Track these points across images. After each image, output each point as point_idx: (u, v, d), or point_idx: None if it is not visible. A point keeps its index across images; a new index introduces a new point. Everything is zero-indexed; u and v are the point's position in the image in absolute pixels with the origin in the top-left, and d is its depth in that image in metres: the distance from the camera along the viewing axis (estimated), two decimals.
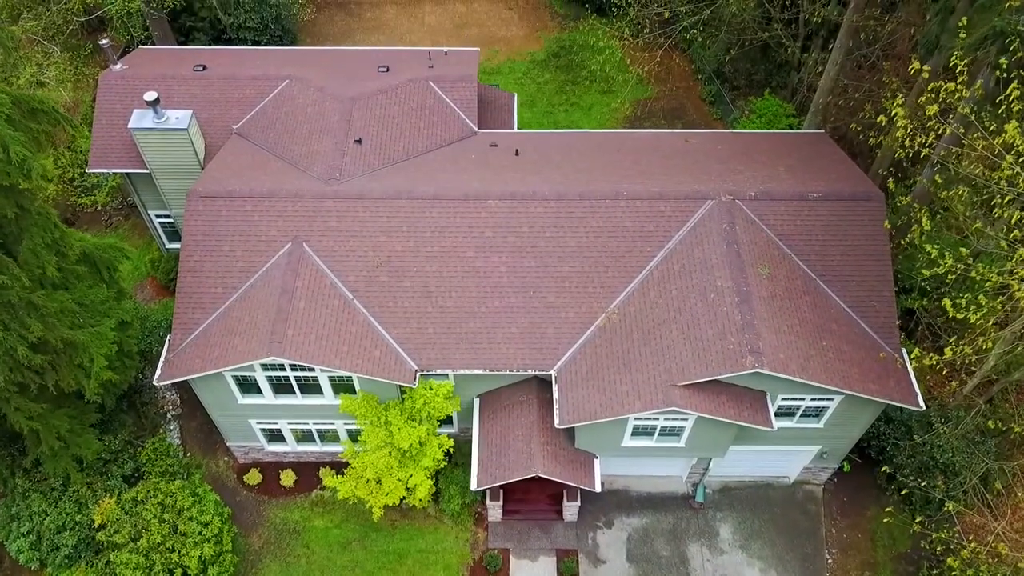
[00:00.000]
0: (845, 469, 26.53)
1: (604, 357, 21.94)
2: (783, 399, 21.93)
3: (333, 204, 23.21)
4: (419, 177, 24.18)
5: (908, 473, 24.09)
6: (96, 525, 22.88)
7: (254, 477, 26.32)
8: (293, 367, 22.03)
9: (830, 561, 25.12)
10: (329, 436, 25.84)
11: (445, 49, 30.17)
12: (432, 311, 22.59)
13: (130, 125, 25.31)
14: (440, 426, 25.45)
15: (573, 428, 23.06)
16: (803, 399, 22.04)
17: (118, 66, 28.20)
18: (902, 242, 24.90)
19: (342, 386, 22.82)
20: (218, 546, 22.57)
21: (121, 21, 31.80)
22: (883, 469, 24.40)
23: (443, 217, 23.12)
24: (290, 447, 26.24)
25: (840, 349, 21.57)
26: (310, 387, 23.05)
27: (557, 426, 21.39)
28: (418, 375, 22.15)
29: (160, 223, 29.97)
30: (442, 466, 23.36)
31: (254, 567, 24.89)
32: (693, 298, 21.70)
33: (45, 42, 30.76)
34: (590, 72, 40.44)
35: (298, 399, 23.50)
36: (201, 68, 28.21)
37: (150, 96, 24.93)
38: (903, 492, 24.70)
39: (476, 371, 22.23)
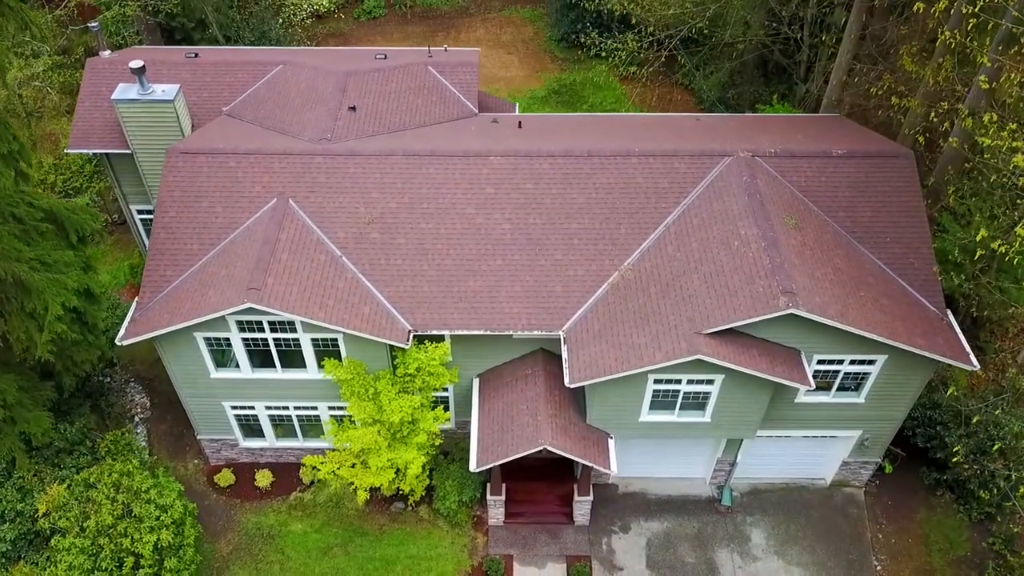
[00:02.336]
0: (887, 470, 23.79)
1: (619, 313, 19.77)
2: (819, 361, 19.60)
3: (323, 160, 21.61)
4: (415, 141, 22.70)
5: (962, 459, 21.40)
6: (40, 514, 19.93)
7: (226, 478, 23.45)
8: (272, 327, 19.79)
9: (879, 568, 21.99)
10: (311, 431, 23.17)
11: (445, 46, 29.45)
12: (428, 269, 20.57)
13: (113, 96, 23.98)
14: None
15: (585, 404, 20.62)
16: (842, 361, 19.71)
17: (107, 52, 27.28)
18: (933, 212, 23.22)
19: (327, 352, 20.47)
20: (179, 537, 19.58)
21: (117, 26, 31.19)
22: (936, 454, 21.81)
23: (441, 174, 21.47)
24: (268, 442, 23.50)
25: (880, 302, 19.46)
26: (291, 355, 20.69)
27: (568, 385, 18.96)
28: (412, 336, 19.88)
29: (141, 219, 28.26)
30: (437, 442, 20.71)
31: (219, 574, 21.69)
32: (715, 248, 19.77)
33: (37, 42, 30.02)
34: (590, 106, 39.96)
35: (278, 373, 21.08)
36: (193, 56, 27.28)
37: (136, 64, 23.74)
38: (960, 480, 21.92)
39: (476, 332, 19.97)
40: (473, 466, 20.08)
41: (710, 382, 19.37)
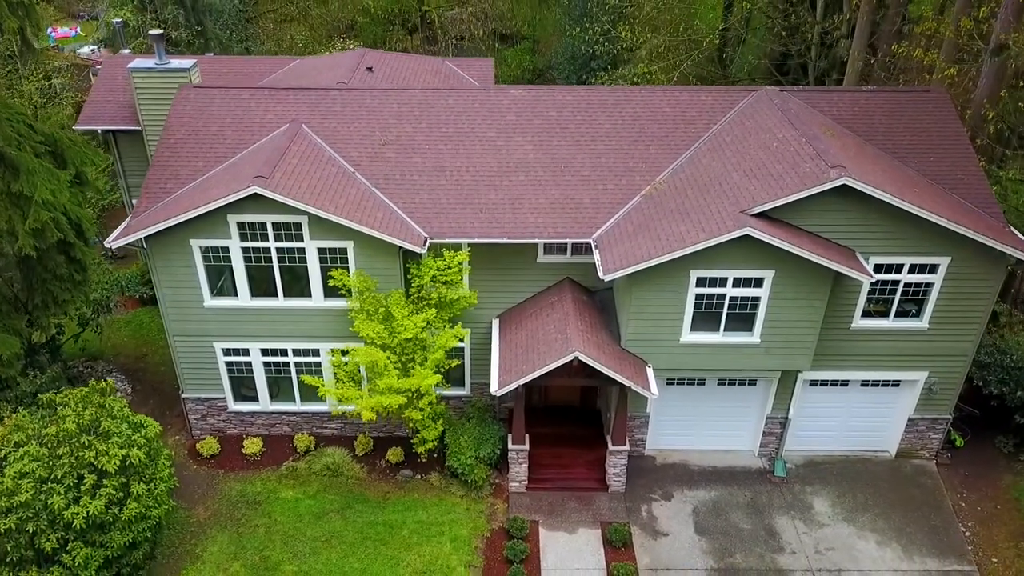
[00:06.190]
0: (958, 443, 21.09)
1: (655, 214, 18.27)
2: (876, 267, 17.81)
3: (338, 94, 20.92)
4: None
5: None
6: None
7: (210, 446, 20.65)
8: (277, 232, 18.14)
9: (968, 534, 18.76)
10: (312, 390, 20.69)
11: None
12: (446, 184, 19.28)
13: (130, 66, 23.74)
14: (450, 387, 20.72)
15: (618, 328, 18.59)
16: (901, 268, 17.92)
17: (127, 50, 27.52)
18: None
19: (335, 267, 18.64)
20: (150, 468, 16.72)
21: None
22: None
23: (460, 104, 20.71)
24: (260, 405, 20.91)
25: (936, 201, 18.02)
26: (294, 278, 18.84)
27: (602, 277, 17.06)
28: (428, 242, 18.21)
29: None
30: (455, 363, 18.35)
31: (195, 538, 18.44)
32: (753, 151, 18.63)
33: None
34: None
35: (279, 301, 19.11)
36: (212, 54, 27.52)
37: (155, 32, 23.77)
38: None
39: (498, 240, 18.32)
40: (494, 388, 17.67)
41: (759, 284, 17.47)
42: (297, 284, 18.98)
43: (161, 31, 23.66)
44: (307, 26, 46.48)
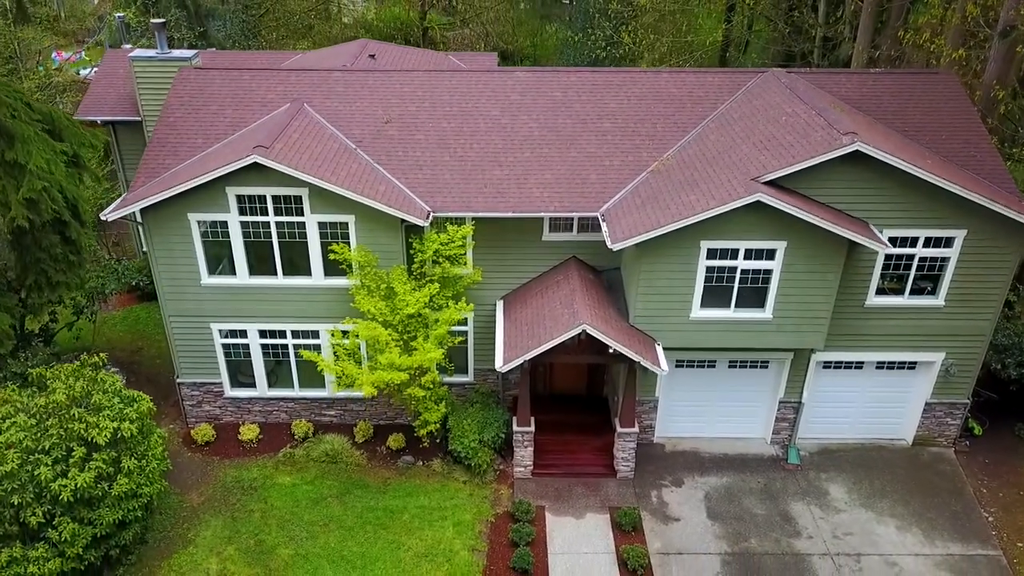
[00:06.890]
0: (976, 432, 20.46)
1: (664, 187, 17.88)
2: (891, 240, 17.38)
3: (341, 75, 20.68)
4: None
5: None
6: None
7: (205, 433, 20.01)
8: (277, 206, 17.73)
9: (991, 520, 18.07)
10: (310, 379, 20.12)
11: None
12: (449, 160, 18.93)
13: (131, 55, 23.58)
14: (453, 371, 20.15)
15: (626, 305, 18.10)
16: (916, 242, 17.50)
17: (128, 46, 27.38)
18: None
19: (336, 243, 18.20)
20: (143, 444, 16.11)
21: None
22: None
23: (464, 84, 20.44)
24: (258, 391, 20.29)
25: (950, 173, 17.63)
26: (294, 255, 18.38)
27: (611, 246, 16.62)
28: (431, 216, 17.79)
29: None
30: (458, 340, 17.81)
31: (188, 522, 17.73)
32: (762, 125, 18.31)
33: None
34: None
35: (278, 279, 18.63)
36: (214, 49, 27.39)
37: (157, 20, 23.64)
38: None
39: (503, 214, 17.91)
40: (499, 364, 17.13)
41: (771, 256, 17.01)
42: (296, 262, 18.51)
43: (163, 20, 23.50)
44: (311, 42, 46.62)
